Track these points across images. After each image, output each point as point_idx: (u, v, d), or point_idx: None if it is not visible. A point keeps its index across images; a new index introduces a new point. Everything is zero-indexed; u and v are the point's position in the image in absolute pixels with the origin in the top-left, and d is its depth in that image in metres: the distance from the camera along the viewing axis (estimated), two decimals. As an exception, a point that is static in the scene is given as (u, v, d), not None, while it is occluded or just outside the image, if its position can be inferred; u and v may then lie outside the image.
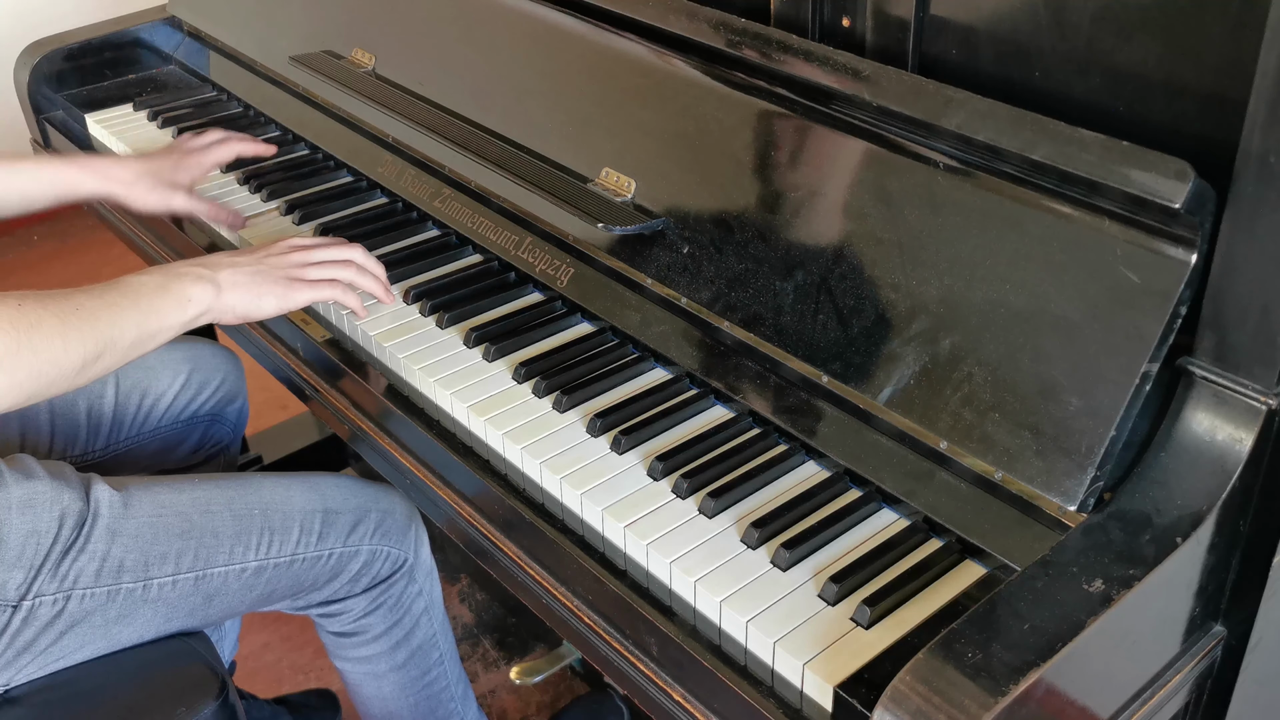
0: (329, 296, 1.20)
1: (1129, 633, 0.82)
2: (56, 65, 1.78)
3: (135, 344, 1.08)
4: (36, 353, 0.99)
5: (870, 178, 1.02)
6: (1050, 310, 0.89)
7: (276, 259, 1.20)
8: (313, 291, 1.19)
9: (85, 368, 1.04)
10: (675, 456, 1.02)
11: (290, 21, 1.65)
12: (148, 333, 1.09)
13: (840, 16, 1.13)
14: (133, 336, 1.08)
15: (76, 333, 1.02)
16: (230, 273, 1.16)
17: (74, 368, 1.03)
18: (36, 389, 1.01)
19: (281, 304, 1.18)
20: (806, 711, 0.84)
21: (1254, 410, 0.83)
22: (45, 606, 1.10)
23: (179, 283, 1.12)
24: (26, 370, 0.99)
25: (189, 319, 1.12)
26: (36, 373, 1.00)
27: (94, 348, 1.04)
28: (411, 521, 1.37)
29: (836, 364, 0.99)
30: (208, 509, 1.20)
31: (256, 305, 1.17)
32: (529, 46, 1.33)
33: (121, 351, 1.07)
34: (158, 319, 1.10)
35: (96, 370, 1.06)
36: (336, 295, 1.21)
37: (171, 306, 1.11)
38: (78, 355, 1.03)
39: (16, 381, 0.99)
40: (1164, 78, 0.92)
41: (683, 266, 1.11)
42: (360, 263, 1.24)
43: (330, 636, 1.40)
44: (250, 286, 1.16)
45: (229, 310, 1.15)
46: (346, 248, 1.24)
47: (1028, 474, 0.87)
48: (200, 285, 1.13)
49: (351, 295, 1.22)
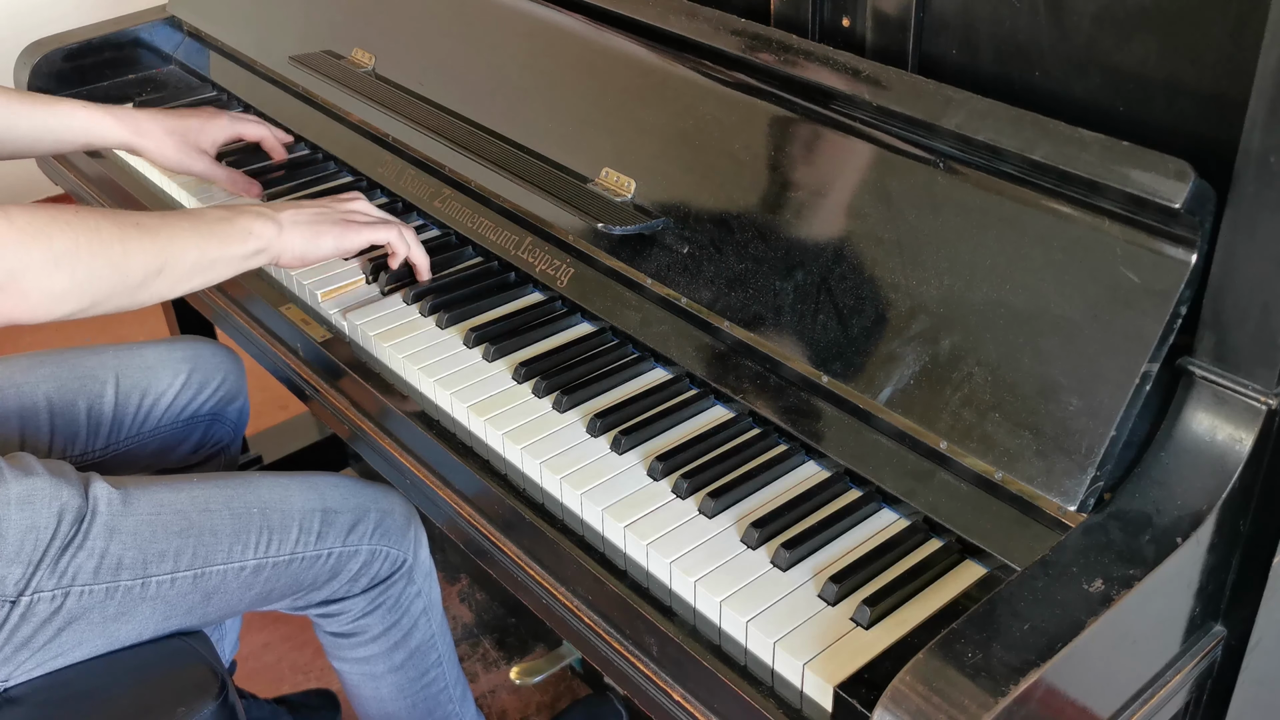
0: (384, 238, 1.24)
1: (1129, 633, 0.82)
2: (56, 65, 1.78)
3: (196, 267, 1.10)
4: (95, 255, 1.02)
5: (870, 178, 1.02)
6: (1050, 310, 0.89)
7: (335, 205, 1.25)
8: (370, 232, 1.23)
9: (147, 280, 1.06)
10: (675, 456, 1.02)
11: (290, 21, 1.65)
12: (209, 258, 1.11)
13: (840, 16, 1.13)
14: (194, 258, 1.09)
15: (136, 242, 1.05)
16: (292, 213, 1.19)
17: (135, 277, 1.05)
18: (97, 293, 1.03)
19: (339, 244, 1.21)
20: (806, 711, 0.84)
21: (1254, 410, 0.83)
22: (44, 602, 1.10)
23: (243, 217, 1.15)
24: (87, 270, 1.01)
25: (250, 251, 1.15)
26: (96, 274, 1.02)
27: (154, 260, 1.06)
28: (410, 522, 1.37)
29: (836, 364, 0.99)
30: (207, 507, 1.20)
31: (315, 245, 1.20)
32: (529, 46, 1.33)
33: (183, 272, 1.09)
34: (219, 245, 1.12)
35: (158, 288, 1.08)
36: (391, 237, 1.25)
37: (234, 235, 1.13)
38: (139, 264, 1.05)
39: (78, 282, 1.01)
40: (1164, 78, 0.92)
41: (683, 266, 1.11)
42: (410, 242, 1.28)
43: (328, 637, 1.40)
44: (310, 226, 1.19)
45: (288, 250, 1.18)
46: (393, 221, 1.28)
47: (1028, 474, 0.87)
48: (263, 221, 1.16)
49: (402, 245, 1.26)
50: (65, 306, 1.02)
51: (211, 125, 1.47)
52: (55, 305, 1.02)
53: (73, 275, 1.01)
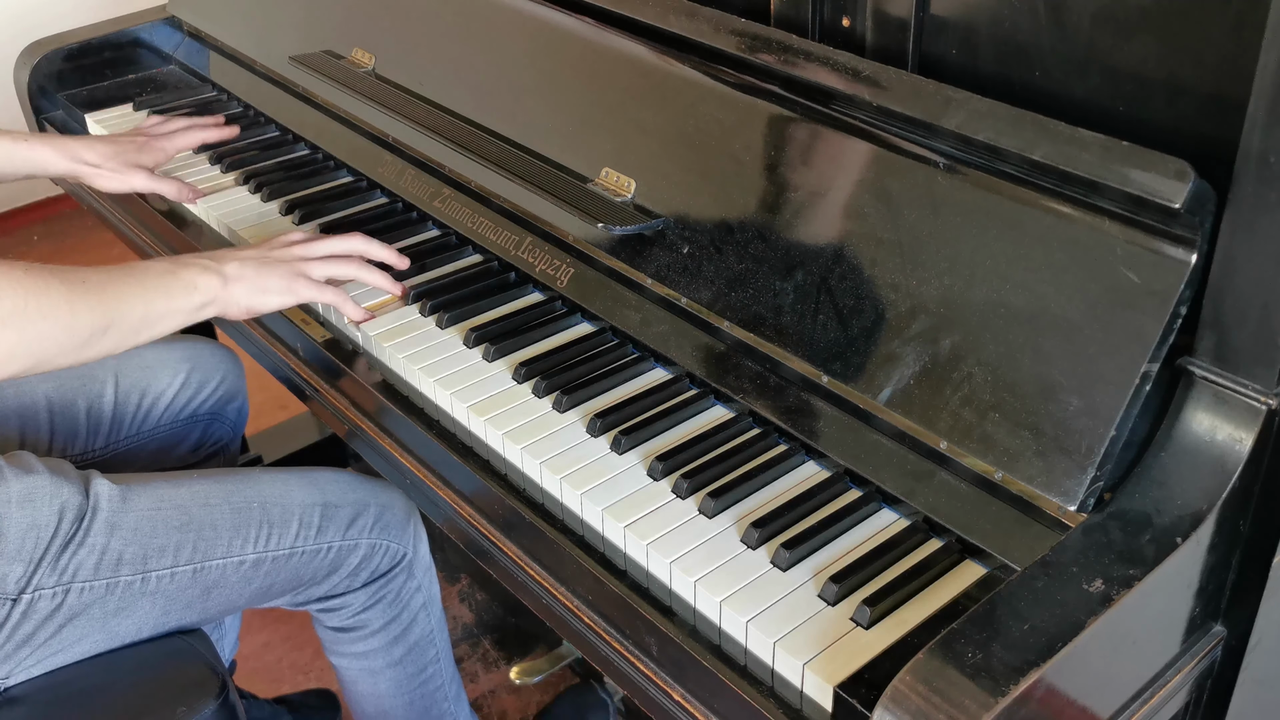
0: (331, 300, 1.22)
1: (1129, 633, 0.82)
2: (56, 65, 1.78)
3: (142, 323, 1.09)
4: (44, 315, 1.01)
5: (870, 178, 1.02)
6: (1050, 310, 0.89)
7: (281, 252, 1.21)
8: (316, 291, 1.20)
9: (93, 338, 1.05)
10: (675, 456, 1.02)
11: (290, 21, 1.65)
12: (155, 313, 1.10)
13: (840, 16, 1.13)
14: (139, 314, 1.08)
15: (83, 301, 1.04)
16: (236, 265, 1.17)
17: (80, 337, 1.04)
18: (43, 354, 1.02)
19: (284, 299, 1.19)
20: (806, 711, 0.84)
21: (1254, 410, 0.83)
22: (45, 600, 1.10)
23: (186, 270, 1.14)
24: (34, 331, 1.00)
25: (195, 305, 1.13)
26: (42, 334, 1.01)
27: (101, 318, 1.05)
28: (410, 517, 1.37)
29: (836, 364, 0.99)
30: (206, 502, 1.21)
31: (262, 299, 1.18)
32: (529, 46, 1.33)
33: (129, 329, 1.08)
34: (165, 300, 1.11)
35: (104, 345, 1.07)
36: (338, 301, 1.22)
37: (178, 290, 1.12)
38: (85, 323, 1.04)
39: (25, 342, 1.00)
40: (1164, 78, 0.92)
41: (683, 266, 1.11)
42: (362, 250, 1.25)
43: (328, 631, 1.40)
44: (255, 279, 1.17)
45: (234, 303, 1.16)
46: (349, 239, 1.25)
47: (1028, 474, 0.87)
48: (206, 275, 1.14)
49: (350, 304, 1.22)
50: (12, 367, 1.00)
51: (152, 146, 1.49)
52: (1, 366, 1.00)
53: (21, 335, 0.99)
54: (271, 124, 1.66)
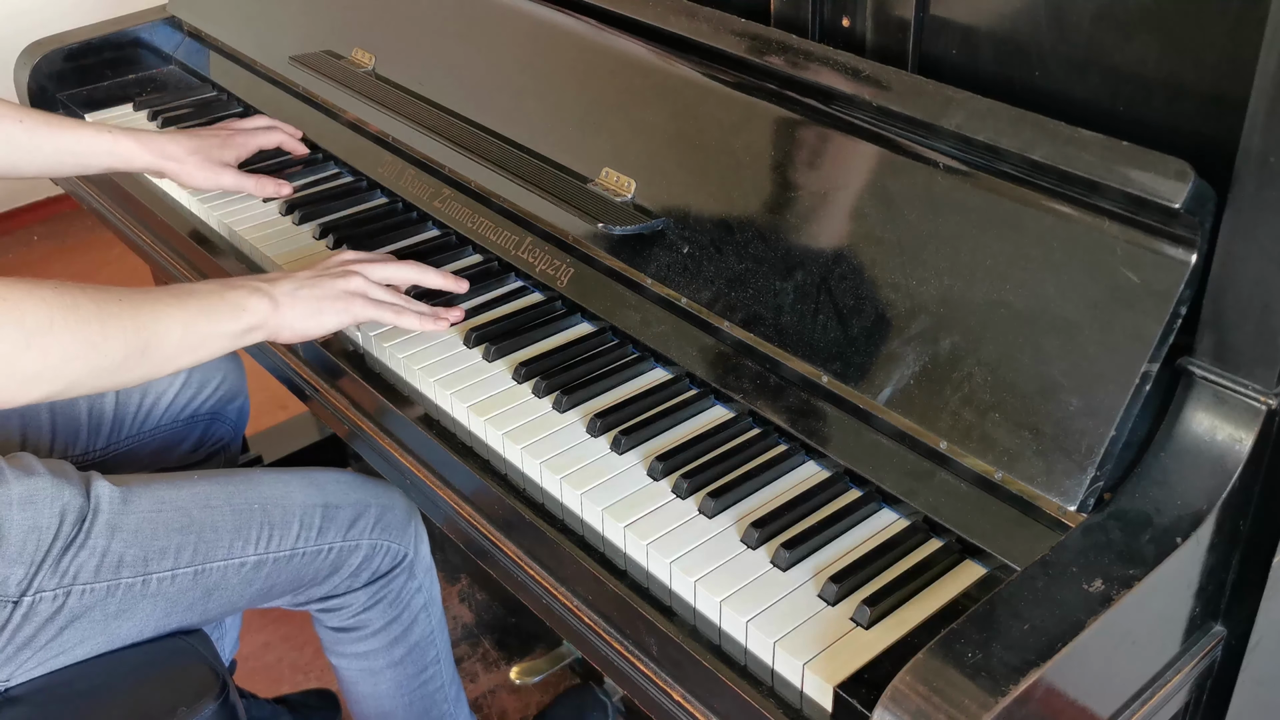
0: (390, 320, 1.17)
1: (1129, 633, 0.82)
2: (56, 65, 1.78)
3: (183, 345, 1.05)
4: (73, 333, 0.95)
5: (870, 178, 1.02)
6: (1050, 310, 0.89)
7: (336, 272, 1.17)
8: (375, 310, 1.16)
9: (126, 362, 1.00)
10: (675, 456, 1.02)
11: (290, 21, 1.65)
12: (197, 335, 1.05)
13: (840, 16, 1.13)
14: (179, 336, 1.04)
15: (116, 320, 0.99)
16: (290, 285, 1.13)
17: (113, 359, 0.99)
18: (73, 376, 0.97)
19: (342, 319, 1.15)
20: (806, 711, 0.84)
21: (1254, 410, 0.83)
22: (46, 602, 1.10)
23: (234, 291, 1.09)
24: (61, 352, 0.95)
25: (242, 328, 1.09)
26: (72, 355, 0.96)
27: (135, 340, 1.00)
28: (411, 517, 1.37)
29: (836, 364, 0.99)
30: (207, 504, 1.20)
31: (318, 321, 1.13)
32: (529, 46, 1.33)
33: (169, 351, 1.03)
34: (208, 322, 1.06)
35: (145, 368, 1.02)
36: (398, 320, 1.17)
37: (225, 312, 1.08)
38: (118, 345, 0.99)
39: (50, 364, 0.95)
40: (1164, 78, 0.92)
41: (683, 266, 1.11)
42: (417, 279, 1.22)
43: (328, 632, 1.40)
44: (310, 301, 1.13)
45: (287, 326, 1.12)
46: (406, 266, 1.21)
47: (1028, 474, 0.87)
48: (257, 297, 1.10)
49: (411, 317, 1.18)
50: (36, 391, 0.96)
51: (232, 143, 1.47)
52: (24, 389, 0.95)
53: (45, 356, 0.94)
54: (271, 124, 1.66)
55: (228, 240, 1.45)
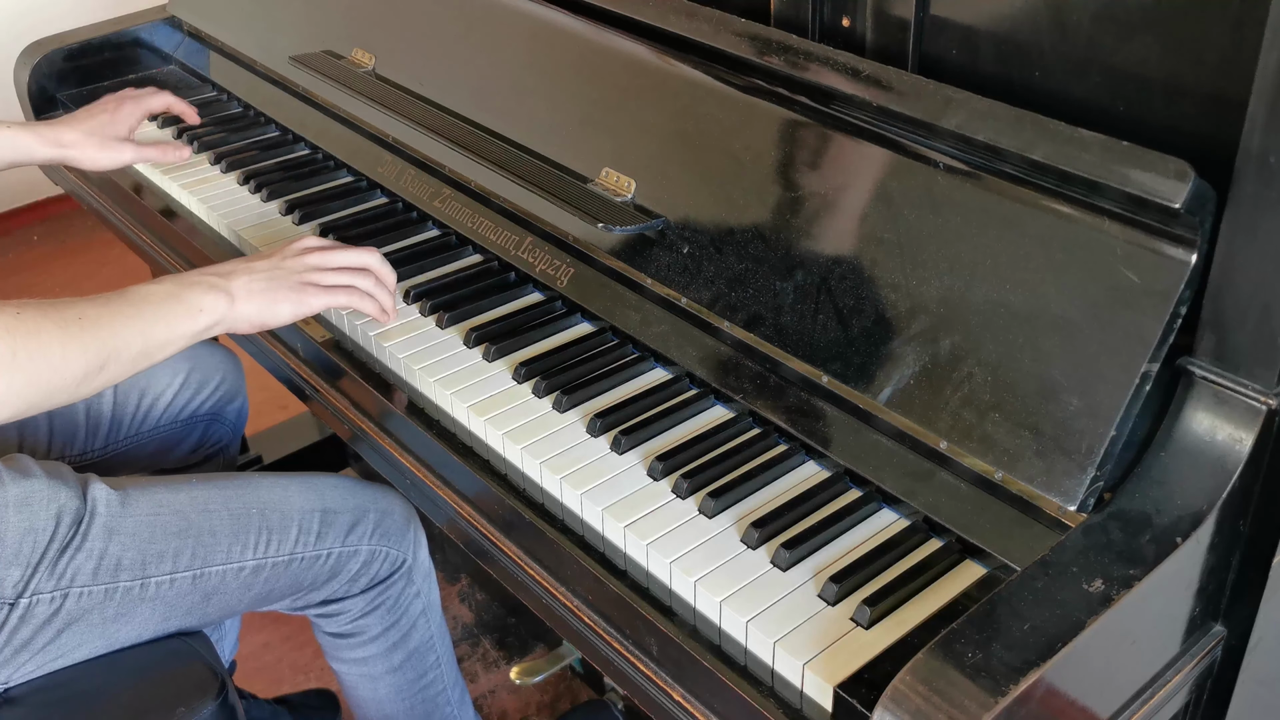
0: (344, 303, 1.18)
1: (1129, 633, 0.82)
2: (56, 65, 1.78)
3: (142, 353, 1.07)
4: (34, 359, 0.98)
5: (870, 177, 1.02)
6: (1050, 310, 0.89)
7: (292, 262, 1.17)
8: (328, 297, 1.17)
9: (88, 377, 1.03)
10: (675, 456, 1.02)
11: (290, 21, 1.65)
12: (155, 342, 1.07)
13: (840, 16, 1.13)
14: (139, 346, 1.06)
15: (77, 341, 1.01)
16: (245, 279, 1.13)
17: (75, 376, 1.01)
18: (36, 398, 1.00)
19: (297, 310, 1.15)
20: (806, 711, 0.84)
21: (1254, 410, 0.83)
22: (43, 604, 1.10)
23: (190, 291, 1.10)
24: (25, 377, 0.98)
25: (200, 329, 1.10)
26: (35, 380, 0.98)
27: (96, 357, 1.02)
28: (410, 523, 1.37)
29: (836, 364, 0.99)
30: (206, 508, 1.20)
31: (272, 312, 1.14)
32: (529, 46, 1.33)
33: (128, 361, 1.06)
34: (166, 328, 1.08)
35: (101, 380, 1.04)
36: (353, 302, 1.19)
37: (181, 314, 1.09)
38: (79, 364, 1.01)
39: (15, 389, 0.97)
40: (1164, 78, 0.92)
41: (683, 266, 1.11)
42: (376, 270, 1.21)
43: (327, 637, 1.40)
44: (265, 294, 1.14)
45: (243, 319, 1.13)
46: (363, 253, 1.21)
47: (1028, 474, 0.87)
48: (213, 294, 1.11)
49: (368, 301, 1.19)
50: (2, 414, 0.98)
51: (121, 113, 1.50)
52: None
53: (9, 384, 0.97)
54: (271, 124, 1.66)
55: (229, 241, 1.45)
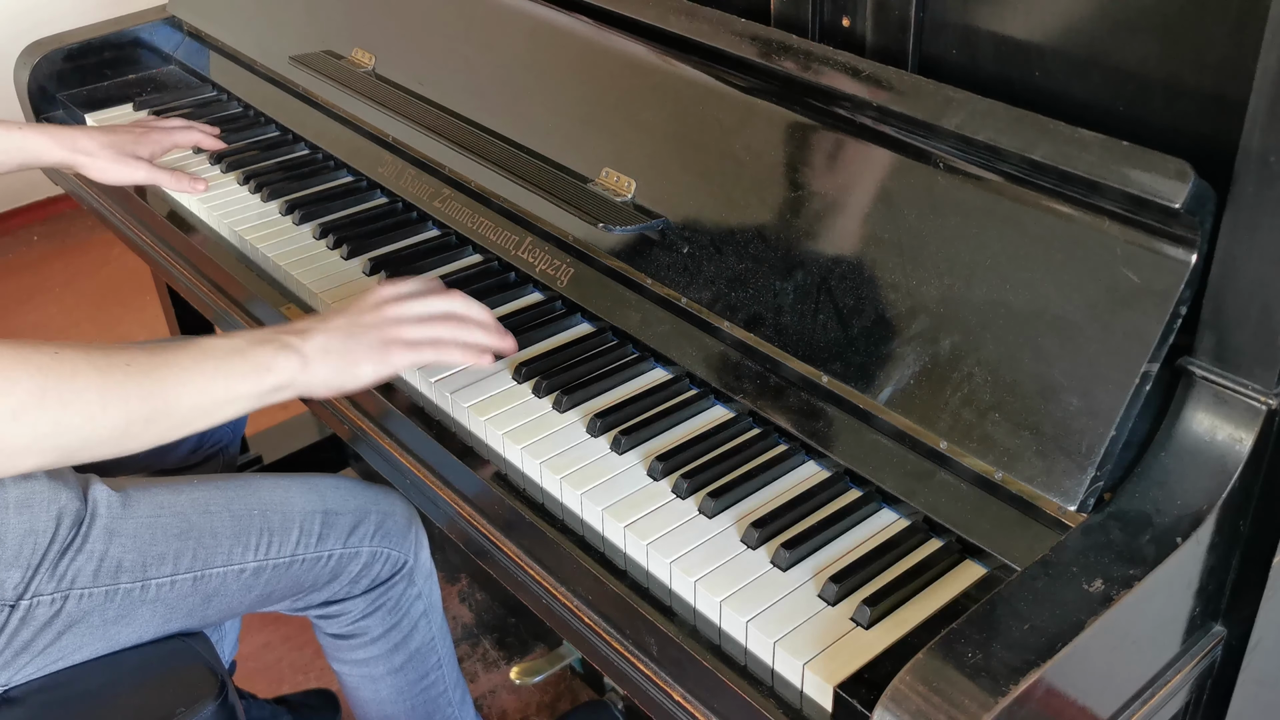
0: (431, 359, 1.09)
1: (1129, 633, 0.82)
2: (56, 65, 1.78)
3: (195, 410, 0.97)
4: (66, 405, 0.90)
5: (870, 177, 1.02)
6: (1050, 310, 0.89)
7: (370, 316, 1.07)
8: (414, 354, 1.07)
9: (129, 430, 0.94)
10: (675, 456, 1.02)
11: (290, 21, 1.65)
12: (213, 399, 0.97)
13: (840, 16, 1.13)
14: (192, 401, 0.96)
15: (119, 389, 0.92)
16: (321, 340, 1.03)
17: (116, 428, 0.93)
18: (66, 448, 0.92)
19: (379, 370, 1.05)
20: (806, 711, 0.84)
21: (1254, 410, 0.83)
22: (43, 606, 1.10)
23: (260, 349, 1.00)
24: (51, 423, 0.89)
25: (266, 389, 1.00)
26: (64, 427, 0.90)
27: (141, 408, 0.93)
28: (411, 524, 1.37)
29: (836, 364, 0.99)
30: (206, 509, 1.20)
31: (352, 374, 1.04)
32: (529, 46, 1.33)
33: (180, 417, 0.96)
34: (225, 385, 0.98)
35: (151, 435, 0.96)
36: (441, 357, 1.09)
37: (246, 372, 0.99)
38: (118, 415, 0.92)
39: (39, 434, 0.89)
40: (1164, 78, 0.92)
41: (683, 266, 1.11)
42: (462, 314, 1.11)
43: (328, 638, 1.40)
44: (343, 354, 1.03)
45: (319, 383, 1.03)
46: (446, 298, 1.11)
47: (1028, 474, 0.87)
48: (285, 355, 1.01)
49: (455, 351, 1.09)
50: (25, 463, 0.91)
51: (148, 138, 1.50)
52: (11, 462, 0.90)
53: (35, 429, 0.88)
54: (271, 124, 1.66)
55: (229, 240, 1.45)
